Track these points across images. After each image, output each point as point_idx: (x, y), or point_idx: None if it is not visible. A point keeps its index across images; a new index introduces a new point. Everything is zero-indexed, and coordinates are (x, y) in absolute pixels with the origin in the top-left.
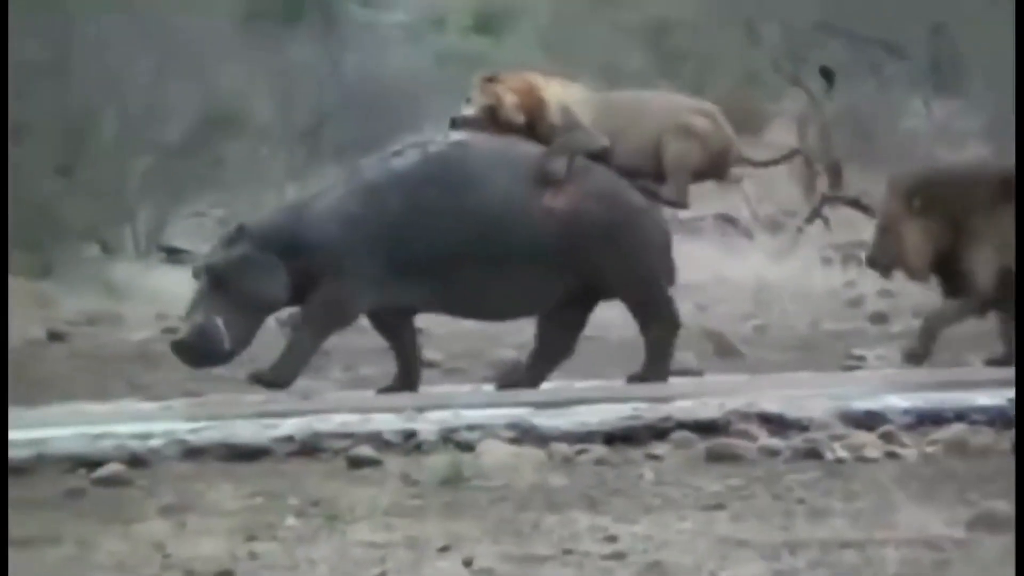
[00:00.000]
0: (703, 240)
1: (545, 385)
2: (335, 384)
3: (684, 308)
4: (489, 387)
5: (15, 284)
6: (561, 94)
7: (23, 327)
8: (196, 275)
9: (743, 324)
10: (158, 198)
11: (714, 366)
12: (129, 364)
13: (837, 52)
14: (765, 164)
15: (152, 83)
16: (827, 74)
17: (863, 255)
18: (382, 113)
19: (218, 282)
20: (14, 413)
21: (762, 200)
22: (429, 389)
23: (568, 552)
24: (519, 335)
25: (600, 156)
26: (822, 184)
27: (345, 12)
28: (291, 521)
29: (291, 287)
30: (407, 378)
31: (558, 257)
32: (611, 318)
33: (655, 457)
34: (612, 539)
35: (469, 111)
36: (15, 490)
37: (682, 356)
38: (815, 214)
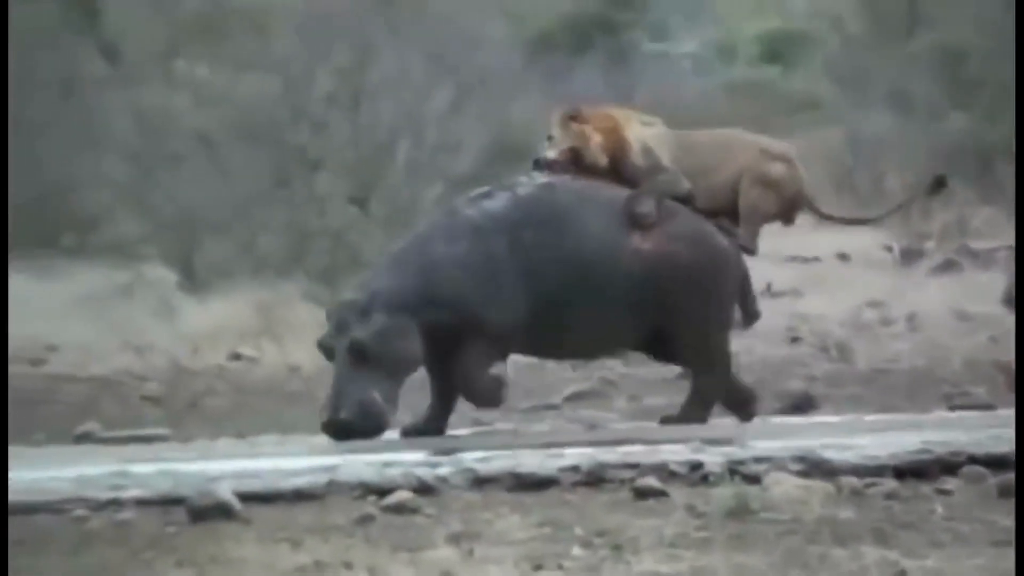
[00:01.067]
0: (996, 271)
1: (834, 418)
2: (620, 414)
3: (976, 340)
4: (777, 419)
5: (306, 312)
6: (642, 133)
7: (315, 355)
8: (325, 350)
9: None
10: None
11: (1006, 399)
12: (414, 393)
13: None
14: (830, 217)
15: (445, 115)
16: (940, 183)
17: None
18: None
19: (362, 355)
20: (307, 441)
21: None
22: (715, 420)
23: None
24: (807, 367)
25: (683, 200)
26: None
27: (634, 44)
28: (577, 551)
29: (424, 344)
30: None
31: (642, 298)
32: (901, 350)
33: (945, 492)
34: (901, 574)
35: (552, 152)
36: (309, 516)
37: (973, 390)
38: None
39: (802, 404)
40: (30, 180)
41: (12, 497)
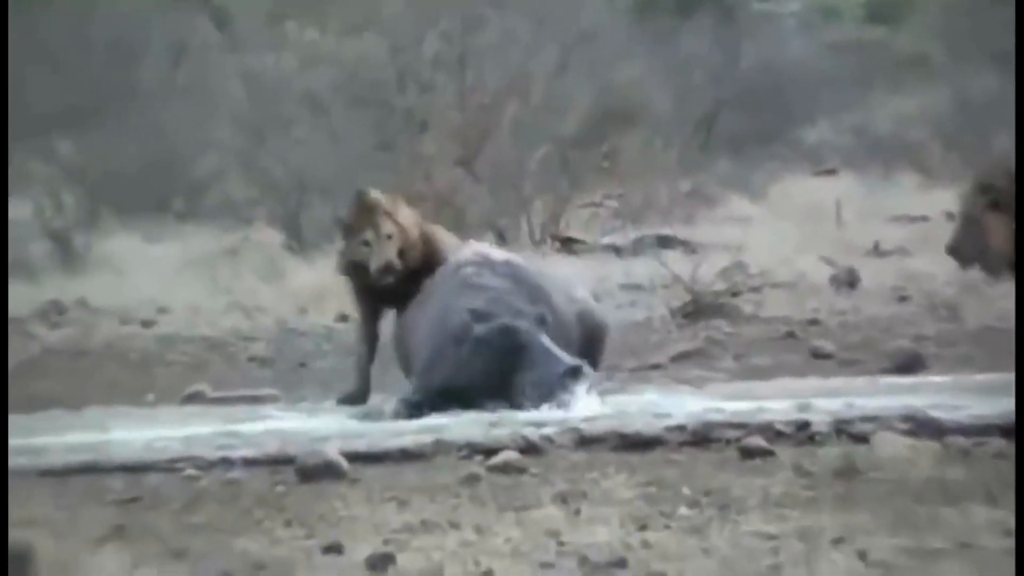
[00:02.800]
0: None
1: (942, 377)
2: (726, 374)
3: None
4: (885, 378)
5: None
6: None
7: None
8: None
9: None
10: (554, 189)
11: None
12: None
13: None
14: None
15: (551, 76)
16: None
17: None
18: (776, 104)
19: None
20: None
21: None
22: (823, 381)
23: (966, 546)
24: (915, 326)
25: None
26: None
27: (741, 4)
28: (683, 511)
29: None
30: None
31: None
32: (1010, 309)
33: None
34: (1010, 533)
35: (380, 261)
36: (415, 476)
37: None
38: None
39: (910, 363)
40: (142, 145)
41: (125, 456)
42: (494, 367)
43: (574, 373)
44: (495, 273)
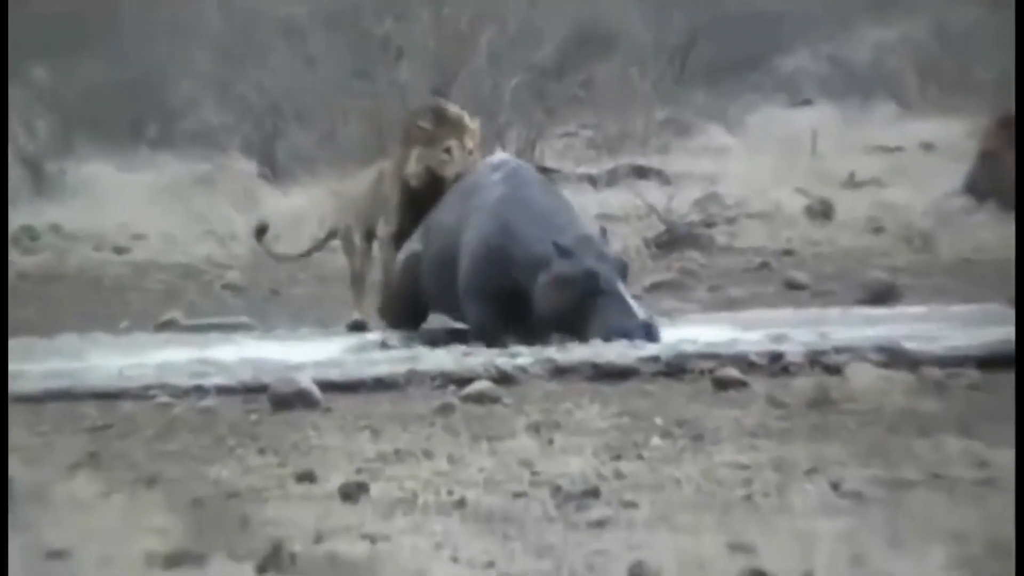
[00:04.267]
0: None
1: (916, 308)
2: (700, 305)
3: None
4: (859, 309)
5: None
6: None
7: None
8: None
9: None
10: (529, 118)
11: None
12: None
13: None
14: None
15: (528, 3)
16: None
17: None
18: (753, 33)
19: None
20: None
21: None
22: (797, 311)
23: (938, 477)
24: (890, 257)
25: None
26: None
27: None
28: (656, 441)
29: None
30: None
31: None
32: (986, 240)
33: None
34: (983, 464)
35: (458, 168)
36: (389, 405)
37: None
38: None
39: (884, 294)
40: (117, 71)
41: (98, 383)
42: (568, 305)
43: (648, 333)
44: (539, 186)
